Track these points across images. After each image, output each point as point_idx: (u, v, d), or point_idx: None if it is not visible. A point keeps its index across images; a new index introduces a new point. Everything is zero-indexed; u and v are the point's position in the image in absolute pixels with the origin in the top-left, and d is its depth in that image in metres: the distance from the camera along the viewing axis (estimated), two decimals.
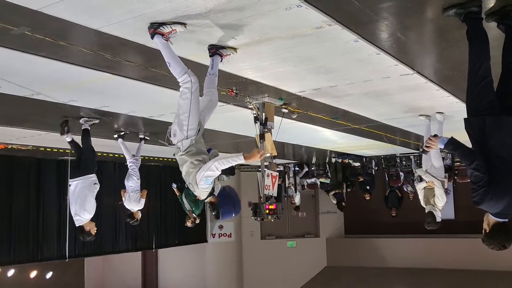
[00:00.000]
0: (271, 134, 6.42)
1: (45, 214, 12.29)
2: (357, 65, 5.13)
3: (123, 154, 11.96)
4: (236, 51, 4.48)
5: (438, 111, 7.61)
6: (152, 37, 3.93)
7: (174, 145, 4.26)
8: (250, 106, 6.35)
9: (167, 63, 4.08)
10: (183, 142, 4.19)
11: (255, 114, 6.35)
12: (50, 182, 12.39)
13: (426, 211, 7.80)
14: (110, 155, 11.96)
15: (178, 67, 4.07)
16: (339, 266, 17.69)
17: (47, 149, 10.20)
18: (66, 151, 10.39)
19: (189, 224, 9.77)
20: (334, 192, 14.18)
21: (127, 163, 7.40)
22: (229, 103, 6.52)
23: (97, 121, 7.25)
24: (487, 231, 3.61)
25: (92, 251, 13.56)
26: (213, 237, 17.60)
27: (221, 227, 17.26)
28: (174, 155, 4.35)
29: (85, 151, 7.16)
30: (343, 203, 14.34)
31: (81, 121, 7.19)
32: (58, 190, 12.37)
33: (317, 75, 5.47)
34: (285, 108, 6.87)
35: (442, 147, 3.63)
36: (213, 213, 4.75)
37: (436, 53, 5.00)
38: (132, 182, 7.26)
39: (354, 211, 18.19)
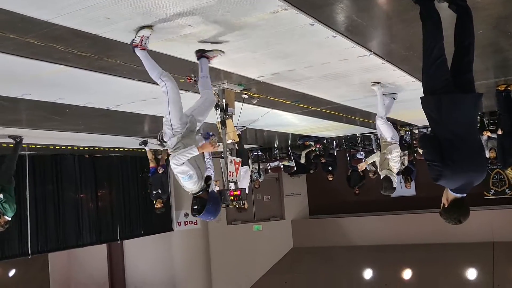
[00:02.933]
0: (232, 120, 6.39)
1: None
2: (314, 49, 5.13)
3: (82, 147, 11.82)
4: (224, 52, 4.67)
5: (373, 81, 6.92)
6: (134, 52, 4.22)
7: (165, 142, 4.54)
8: None
9: None
10: (172, 140, 4.47)
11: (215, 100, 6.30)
12: None
13: (382, 176, 7.55)
14: (68, 147, 11.76)
15: (153, 73, 4.40)
16: (305, 247, 17.87)
17: (3, 145, 9.88)
18: (23, 145, 10.11)
19: None
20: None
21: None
22: (188, 91, 6.45)
23: None
24: (445, 206, 3.70)
25: (55, 246, 13.19)
26: (179, 225, 17.52)
27: (186, 215, 17.18)
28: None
29: None
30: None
31: None
32: (18, 185, 12.00)
33: (276, 60, 5.46)
34: (245, 94, 6.85)
35: None
36: (195, 207, 4.72)
37: (392, 34, 5.04)
38: (208, 173, 7.39)
39: (318, 192, 18.42)
